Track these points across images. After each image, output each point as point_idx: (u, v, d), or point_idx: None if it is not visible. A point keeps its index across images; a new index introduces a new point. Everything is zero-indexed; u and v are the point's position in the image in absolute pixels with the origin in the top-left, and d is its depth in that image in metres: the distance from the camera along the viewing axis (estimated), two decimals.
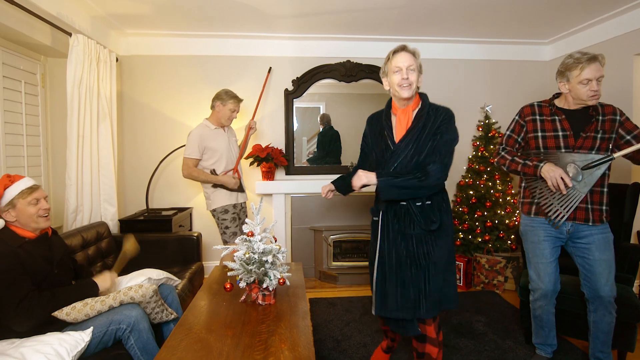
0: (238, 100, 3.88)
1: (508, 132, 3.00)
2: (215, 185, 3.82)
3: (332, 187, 2.92)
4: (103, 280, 2.58)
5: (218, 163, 3.81)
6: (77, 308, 2.30)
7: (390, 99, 2.60)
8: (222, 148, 3.85)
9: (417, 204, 2.44)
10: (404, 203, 2.47)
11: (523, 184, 3.00)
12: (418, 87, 2.47)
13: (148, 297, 2.48)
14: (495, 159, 3.05)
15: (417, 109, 2.48)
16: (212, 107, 3.89)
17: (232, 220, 3.84)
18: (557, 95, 2.90)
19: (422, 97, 2.52)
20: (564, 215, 2.79)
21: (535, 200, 2.90)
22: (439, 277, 2.42)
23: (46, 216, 2.46)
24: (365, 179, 2.42)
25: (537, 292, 3.02)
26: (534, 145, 2.87)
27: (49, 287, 2.36)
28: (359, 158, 2.86)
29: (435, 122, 2.40)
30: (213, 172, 3.78)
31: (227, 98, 3.83)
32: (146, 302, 2.49)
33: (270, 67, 4.99)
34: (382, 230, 2.54)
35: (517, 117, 2.97)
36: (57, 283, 2.43)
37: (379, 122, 2.62)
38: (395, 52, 2.43)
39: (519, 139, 2.95)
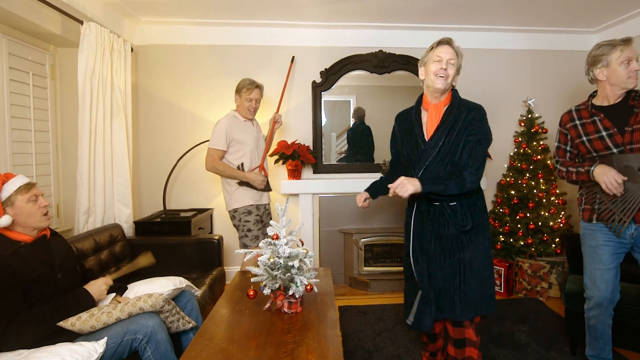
0: (254, 86, 3.71)
1: (556, 144, 2.94)
2: (241, 183, 3.67)
3: (367, 194, 2.88)
4: (98, 291, 2.46)
5: (244, 158, 3.69)
6: (82, 318, 2.23)
7: (421, 95, 2.58)
8: (251, 142, 3.72)
9: (451, 204, 2.44)
10: (437, 203, 2.46)
11: (582, 191, 2.88)
12: (453, 86, 2.47)
13: (158, 307, 2.38)
14: (555, 174, 3.00)
15: (448, 105, 2.47)
16: (235, 99, 3.79)
17: (256, 223, 3.71)
18: (594, 94, 2.81)
19: (453, 92, 2.51)
20: (624, 222, 2.57)
21: (596, 207, 2.71)
22: (475, 279, 2.41)
23: (47, 214, 2.39)
24: (412, 188, 2.33)
25: (592, 301, 2.84)
26: (584, 150, 2.77)
27: (53, 294, 2.29)
28: (391, 159, 2.83)
29: (466, 118, 2.40)
30: (240, 167, 3.66)
31: (242, 87, 3.71)
32: (157, 311, 2.40)
33: (294, 57, 4.81)
34: (415, 230, 2.55)
35: (559, 127, 2.92)
36: (62, 289, 2.35)
37: (408, 119, 2.60)
38: (440, 42, 2.44)
39: (568, 148, 2.88)
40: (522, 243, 4.61)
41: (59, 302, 2.28)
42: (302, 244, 2.47)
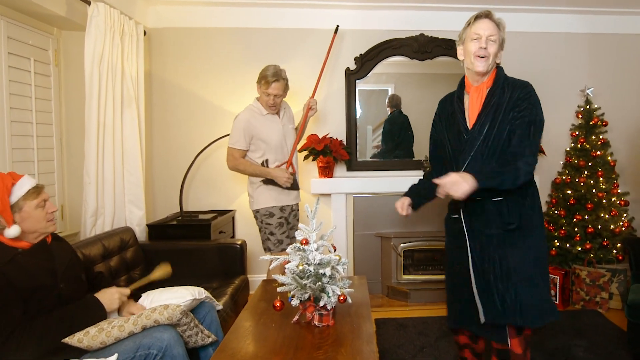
0: (274, 79, 3.48)
1: None
2: (267, 181, 3.57)
3: (409, 200, 2.72)
4: (110, 299, 2.41)
5: (268, 156, 3.60)
6: (90, 334, 2.17)
7: (463, 77, 2.50)
8: (274, 139, 3.58)
9: (494, 199, 2.36)
10: (479, 199, 2.37)
11: None
12: (497, 64, 2.39)
13: (175, 319, 2.31)
14: None
15: (491, 87, 2.38)
16: (257, 90, 3.63)
17: (279, 226, 3.61)
18: None
19: (498, 71, 2.41)
20: None
21: None
22: (522, 284, 2.33)
23: (52, 219, 2.35)
24: (467, 186, 2.17)
25: None
26: None
27: (55, 306, 2.24)
28: (430, 152, 2.75)
29: (511, 99, 2.31)
30: (265, 164, 3.56)
31: (260, 78, 3.53)
32: (174, 324, 2.33)
33: (338, 26, 4.49)
34: (453, 228, 2.55)
35: None
36: (65, 299, 2.29)
37: (451, 105, 2.53)
38: (477, 17, 2.36)
39: None
40: (579, 249, 4.45)
41: (64, 312, 2.24)
42: (335, 250, 2.43)
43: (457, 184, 2.19)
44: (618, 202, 4.58)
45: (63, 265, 2.38)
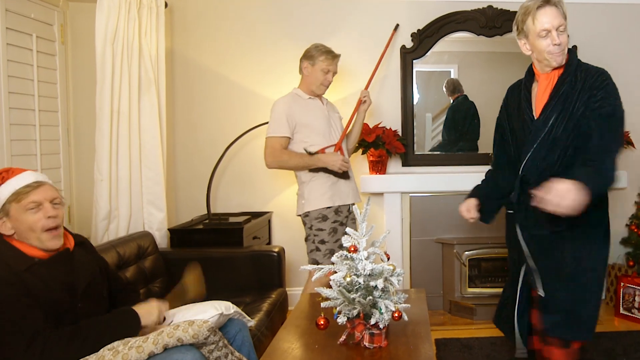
0: (333, 55, 3.51)
1: None
2: (314, 170, 3.44)
3: (475, 202, 2.67)
4: (148, 312, 2.34)
5: (311, 146, 3.47)
6: (106, 358, 2.11)
7: (532, 64, 2.49)
8: (321, 124, 3.51)
9: None
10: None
11: None
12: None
13: (202, 337, 2.22)
14: None
15: (562, 73, 2.35)
16: (301, 70, 3.56)
17: (332, 232, 3.44)
18: None
19: (570, 54, 2.36)
20: None
21: None
22: (566, 291, 2.33)
23: (55, 229, 2.19)
24: (577, 196, 2.00)
25: None
26: None
27: (71, 324, 2.18)
28: (494, 142, 2.76)
29: (584, 88, 2.26)
30: (307, 152, 3.45)
31: (317, 54, 3.47)
32: (200, 343, 2.26)
33: (398, 25, 4.41)
34: (510, 227, 2.58)
35: None
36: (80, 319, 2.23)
37: (518, 93, 2.53)
38: (538, 7, 2.27)
39: None
40: None
41: (94, 321, 2.21)
42: (388, 259, 2.35)
43: (566, 195, 2.01)
44: None
45: (85, 281, 2.32)
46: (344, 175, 3.51)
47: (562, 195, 2.04)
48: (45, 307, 2.13)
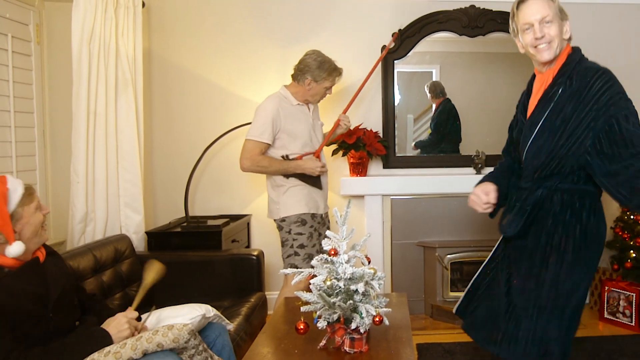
0: (338, 73, 3.50)
1: None
2: (289, 176, 3.45)
3: (493, 187, 2.42)
4: (118, 329, 2.29)
5: (289, 153, 3.49)
6: None
7: None
8: (303, 132, 3.52)
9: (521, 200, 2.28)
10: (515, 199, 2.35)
11: None
12: (569, 39, 2.25)
13: (182, 341, 2.21)
14: None
15: (558, 71, 2.27)
16: (297, 78, 3.51)
17: (310, 237, 3.47)
18: None
19: (571, 52, 2.27)
20: None
21: None
22: (542, 313, 2.19)
23: (44, 226, 2.31)
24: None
25: None
26: None
27: (40, 338, 2.15)
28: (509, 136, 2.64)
29: (580, 89, 2.13)
30: (285, 158, 3.45)
31: (324, 75, 3.45)
32: (180, 348, 2.24)
33: (396, 33, 4.41)
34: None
35: None
36: (52, 332, 2.20)
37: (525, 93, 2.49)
38: (520, 2, 2.25)
39: None
40: None
41: (64, 345, 2.17)
42: (369, 262, 2.33)
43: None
44: None
45: (57, 291, 2.30)
46: (317, 184, 3.53)
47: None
48: (15, 319, 2.12)
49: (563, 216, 2.22)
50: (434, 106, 4.72)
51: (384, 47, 4.45)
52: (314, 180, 3.49)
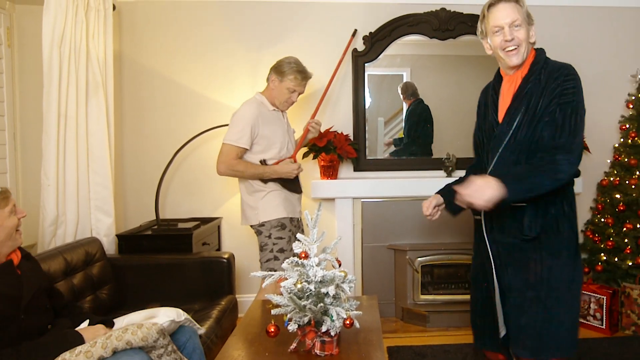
0: (303, 77, 3.47)
1: None
2: (267, 181, 3.44)
3: (439, 200, 2.64)
4: (93, 334, 2.30)
5: (268, 156, 3.47)
6: None
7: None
8: (279, 138, 3.51)
9: (514, 205, 2.27)
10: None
11: None
12: (533, 43, 2.34)
13: (151, 340, 2.22)
14: None
15: (527, 74, 2.34)
16: (267, 79, 3.54)
17: (289, 241, 3.46)
18: None
19: (536, 54, 2.35)
20: None
21: None
22: (537, 307, 2.26)
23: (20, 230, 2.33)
24: (491, 193, 2.05)
25: None
26: None
27: (10, 340, 2.14)
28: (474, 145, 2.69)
29: (547, 86, 2.23)
30: (263, 162, 3.44)
31: (287, 71, 3.44)
32: (149, 347, 2.24)
33: (356, 30, 4.41)
34: (477, 235, 2.55)
35: None
36: (24, 332, 2.20)
37: (488, 96, 2.51)
38: (490, 5, 2.32)
39: None
40: (630, 263, 4.18)
41: (41, 343, 2.20)
42: (340, 265, 2.33)
43: (480, 190, 2.08)
44: None
45: (29, 294, 2.31)
46: (296, 188, 3.54)
47: (475, 190, 2.10)
48: None
49: (551, 207, 2.30)
50: (405, 107, 4.72)
51: (355, 50, 4.45)
52: (293, 185, 3.51)
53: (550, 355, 2.29)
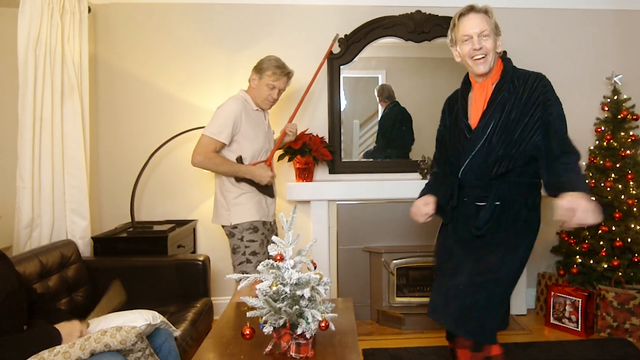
0: (282, 72, 3.43)
1: None
2: (240, 181, 3.40)
3: (433, 199, 2.63)
4: (70, 333, 2.28)
5: (245, 156, 3.44)
6: None
7: (468, 73, 2.57)
8: (260, 140, 3.48)
9: (478, 203, 2.42)
10: (466, 199, 2.51)
11: None
12: (499, 52, 2.43)
13: (130, 343, 2.23)
14: None
15: (497, 81, 2.42)
16: (249, 80, 3.51)
17: (262, 244, 3.43)
18: None
19: (505, 62, 2.45)
20: None
21: None
22: (495, 288, 2.36)
23: None
24: (592, 208, 2.05)
25: None
26: None
27: None
28: (435, 154, 2.79)
29: (524, 94, 2.32)
30: (239, 160, 3.39)
31: (266, 67, 3.41)
32: (127, 350, 2.26)
33: (337, 35, 4.39)
34: (448, 232, 2.60)
35: None
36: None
37: (455, 103, 2.58)
38: (461, 14, 2.41)
39: None
40: (605, 266, 4.20)
41: (18, 338, 2.19)
42: (315, 267, 2.37)
43: (584, 210, 2.04)
44: None
45: (3, 294, 2.30)
46: (270, 192, 3.52)
47: (583, 210, 2.06)
48: None
49: (518, 207, 2.38)
50: (380, 109, 4.71)
51: (330, 52, 4.41)
52: (266, 189, 3.49)
53: (478, 337, 2.36)
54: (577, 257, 4.32)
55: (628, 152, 4.35)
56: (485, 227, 2.39)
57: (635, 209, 4.27)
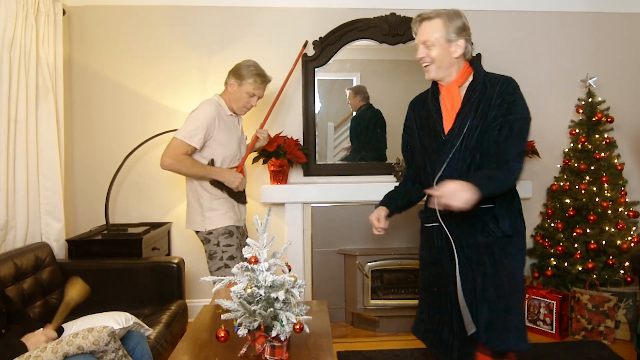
0: (262, 80, 3.43)
1: None
2: (215, 183, 3.38)
3: (386, 210, 2.71)
4: (35, 345, 2.27)
5: (218, 161, 3.42)
6: None
7: None
8: (233, 146, 3.46)
9: (483, 206, 2.33)
10: None
11: None
12: (461, 55, 2.39)
13: (103, 343, 2.23)
14: None
15: (465, 83, 2.42)
16: (226, 84, 3.47)
17: (238, 248, 3.43)
18: None
19: (474, 66, 2.44)
20: None
21: None
22: (503, 299, 2.34)
23: None
24: (469, 195, 2.11)
25: None
26: None
27: None
28: (405, 158, 2.77)
29: (492, 96, 2.33)
30: (211, 164, 3.38)
31: (246, 75, 3.38)
32: (100, 351, 2.25)
33: (307, 42, 4.43)
34: (436, 239, 2.54)
35: None
36: None
37: (424, 106, 2.58)
38: (414, 22, 2.44)
39: None
40: (580, 268, 4.24)
41: None
42: (290, 270, 2.39)
43: (458, 194, 2.13)
44: (626, 213, 4.37)
45: None
46: (242, 199, 3.51)
47: (453, 193, 2.13)
48: None
49: (498, 210, 2.39)
50: (353, 113, 4.73)
51: (305, 55, 4.43)
52: (238, 196, 3.48)
53: (515, 345, 2.36)
54: (552, 259, 4.36)
55: (602, 154, 4.39)
56: (511, 227, 2.39)
57: (609, 212, 4.29)
